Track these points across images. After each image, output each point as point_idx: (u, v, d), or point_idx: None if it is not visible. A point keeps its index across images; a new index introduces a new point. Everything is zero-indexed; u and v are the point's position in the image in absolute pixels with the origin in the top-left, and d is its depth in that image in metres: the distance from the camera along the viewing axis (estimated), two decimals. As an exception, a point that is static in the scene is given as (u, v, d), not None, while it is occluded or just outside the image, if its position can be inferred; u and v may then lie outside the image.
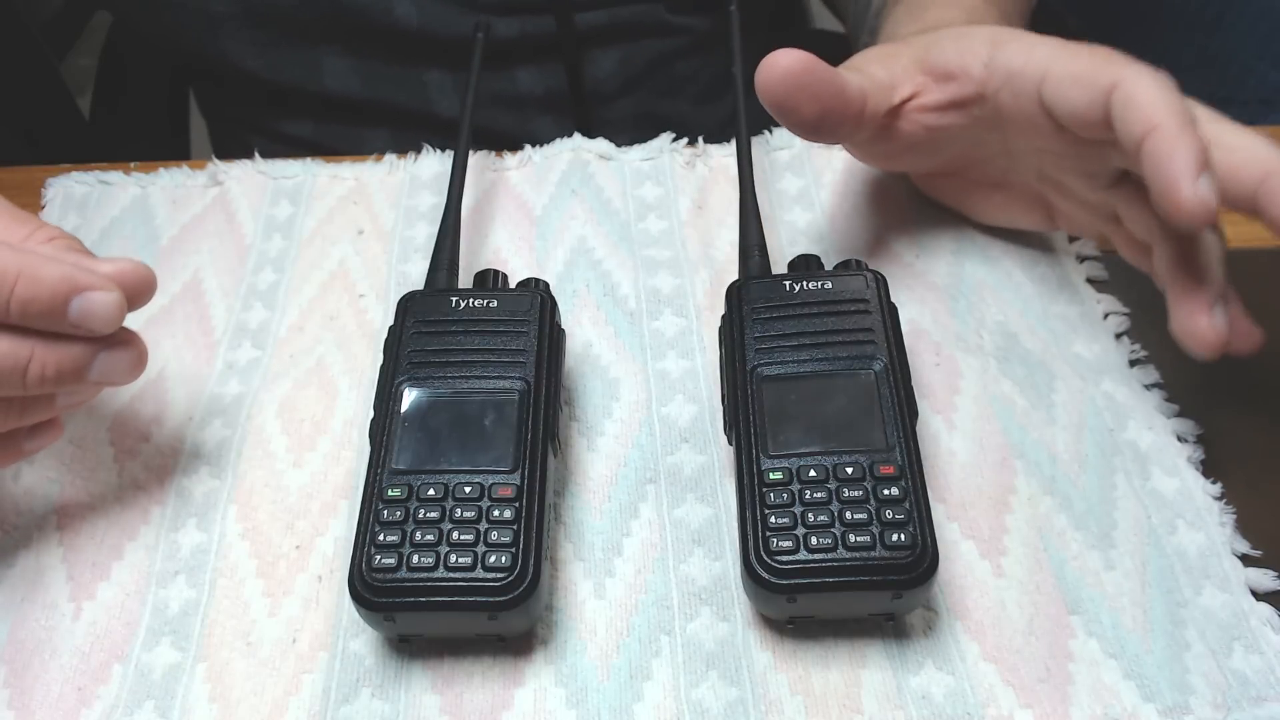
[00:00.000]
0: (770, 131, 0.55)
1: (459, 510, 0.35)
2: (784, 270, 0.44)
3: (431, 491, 0.36)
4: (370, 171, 0.54)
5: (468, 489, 0.36)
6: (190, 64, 0.69)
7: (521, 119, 0.65)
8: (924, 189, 0.51)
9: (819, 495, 0.35)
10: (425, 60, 0.62)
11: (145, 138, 0.87)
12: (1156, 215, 0.38)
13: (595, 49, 0.63)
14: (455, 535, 0.35)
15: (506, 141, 0.56)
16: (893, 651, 0.36)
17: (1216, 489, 0.40)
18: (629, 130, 0.56)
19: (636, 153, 0.54)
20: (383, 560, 0.34)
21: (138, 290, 0.36)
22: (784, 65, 0.40)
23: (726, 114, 0.69)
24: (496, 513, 0.35)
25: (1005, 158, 0.45)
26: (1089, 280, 0.48)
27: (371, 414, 0.39)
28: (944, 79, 0.43)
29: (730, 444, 0.39)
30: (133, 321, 0.47)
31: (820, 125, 0.41)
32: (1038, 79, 0.40)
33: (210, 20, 0.60)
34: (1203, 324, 0.38)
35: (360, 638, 0.37)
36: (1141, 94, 0.36)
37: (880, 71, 0.43)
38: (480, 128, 0.50)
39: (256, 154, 0.55)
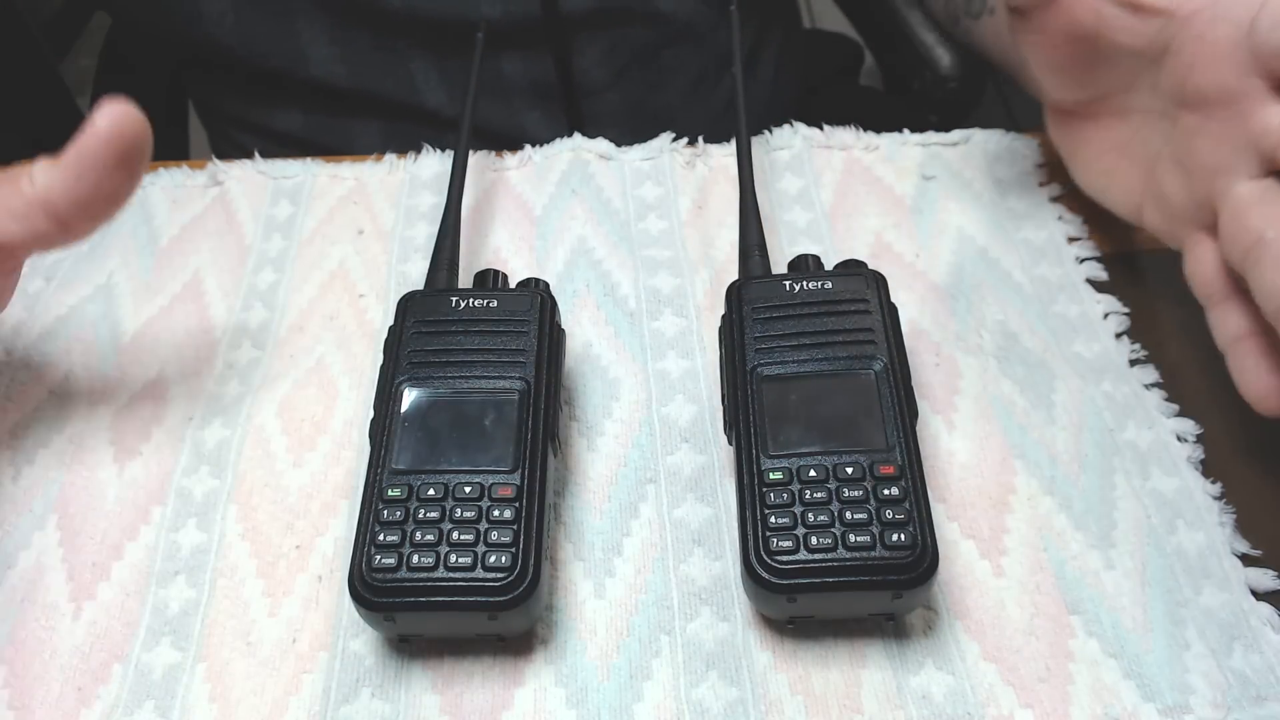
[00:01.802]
0: (770, 131, 0.55)
1: (459, 510, 0.35)
2: (784, 270, 0.44)
3: (431, 491, 0.36)
4: (370, 171, 0.54)
5: (468, 489, 0.36)
6: (181, 54, 0.69)
7: (509, 112, 0.65)
8: (1052, 128, 0.48)
9: (819, 495, 0.35)
10: (410, 43, 0.62)
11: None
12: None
13: (581, 36, 0.63)
14: (455, 535, 0.35)
15: (496, 137, 0.56)
16: (893, 651, 0.36)
17: (1216, 489, 0.40)
18: (619, 124, 0.56)
19: (636, 152, 0.54)
20: (383, 560, 0.34)
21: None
22: None
23: (718, 108, 0.69)
24: (496, 513, 0.35)
25: (1148, 96, 0.43)
26: (1088, 281, 0.48)
27: (371, 414, 0.39)
28: None
29: (730, 444, 0.39)
30: (133, 321, 0.47)
31: None
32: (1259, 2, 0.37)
33: (195, 2, 0.60)
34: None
35: (360, 638, 0.37)
36: None
37: None
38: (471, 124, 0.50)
39: (256, 154, 0.55)
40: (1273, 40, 0.36)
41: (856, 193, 0.52)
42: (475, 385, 0.39)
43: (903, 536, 0.34)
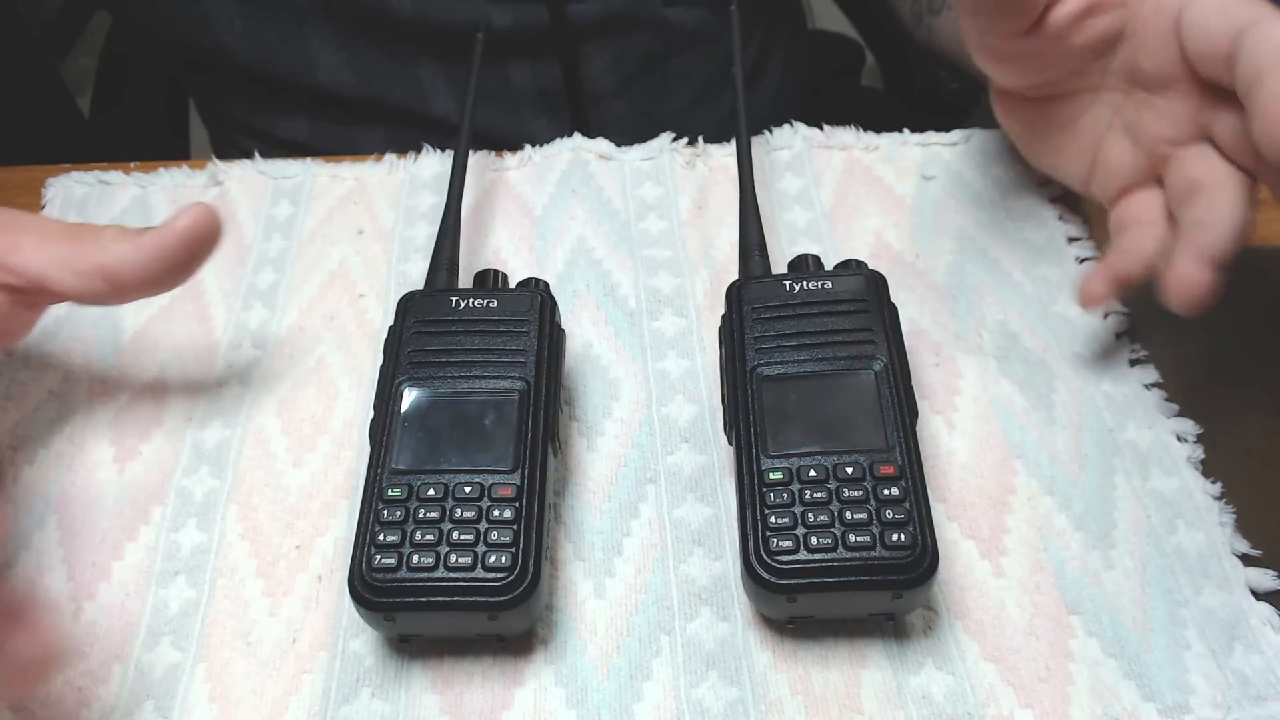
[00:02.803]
0: (770, 131, 0.55)
1: (459, 510, 0.35)
2: (784, 270, 0.44)
3: (431, 491, 0.36)
4: (370, 171, 0.54)
5: (468, 489, 0.36)
6: (186, 58, 0.69)
7: (517, 120, 0.65)
8: (999, 110, 0.50)
9: (819, 495, 0.35)
10: (419, 51, 0.62)
11: (145, 138, 0.87)
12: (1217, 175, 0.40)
13: (589, 44, 0.63)
14: (455, 535, 0.35)
15: (503, 144, 0.56)
16: (893, 651, 0.36)
17: (1216, 489, 0.40)
18: (626, 131, 0.57)
19: (636, 152, 0.54)
20: (383, 560, 0.34)
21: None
22: None
23: (723, 114, 0.69)
24: (496, 513, 0.35)
25: (1099, 77, 0.45)
26: (1089, 280, 0.48)
27: (371, 414, 0.39)
28: None
29: (730, 444, 0.39)
30: (133, 321, 0.47)
31: None
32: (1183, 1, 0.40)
33: (202, 8, 0.60)
34: (1199, 279, 0.39)
35: (360, 638, 0.37)
36: (1275, 35, 0.37)
37: None
38: (476, 130, 0.50)
39: (256, 154, 0.55)
40: (1195, 43, 0.40)
41: (856, 193, 0.52)
42: (475, 385, 0.39)
43: (903, 536, 0.34)
